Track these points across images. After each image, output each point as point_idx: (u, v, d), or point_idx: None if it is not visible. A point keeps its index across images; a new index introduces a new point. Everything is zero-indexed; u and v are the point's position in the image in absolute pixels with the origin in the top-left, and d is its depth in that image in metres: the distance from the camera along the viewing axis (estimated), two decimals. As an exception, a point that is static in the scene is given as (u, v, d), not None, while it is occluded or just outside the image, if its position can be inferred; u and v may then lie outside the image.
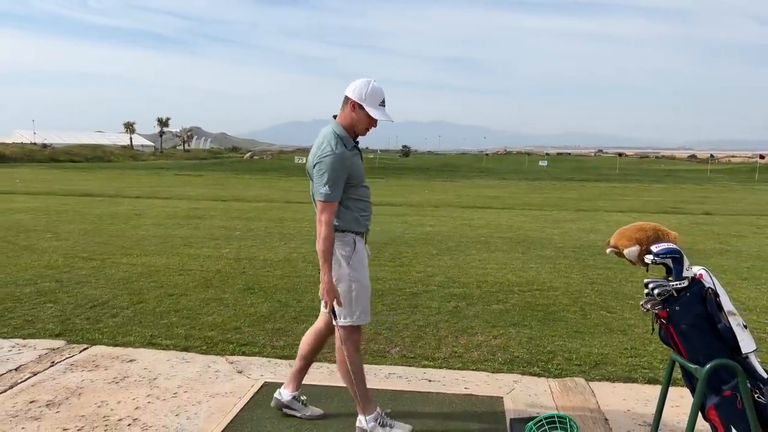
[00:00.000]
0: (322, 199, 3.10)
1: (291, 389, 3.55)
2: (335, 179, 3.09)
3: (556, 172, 55.60)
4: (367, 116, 3.15)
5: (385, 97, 3.18)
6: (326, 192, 3.09)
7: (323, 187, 3.09)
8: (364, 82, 3.16)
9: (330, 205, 3.11)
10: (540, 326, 5.34)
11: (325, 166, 3.09)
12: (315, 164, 3.13)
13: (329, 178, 3.08)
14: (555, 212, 15.83)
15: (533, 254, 8.97)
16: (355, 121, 3.18)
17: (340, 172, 3.10)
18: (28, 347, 4.62)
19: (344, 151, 3.12)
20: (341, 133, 3.18)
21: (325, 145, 3.13)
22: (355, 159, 3.21)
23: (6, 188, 21.29)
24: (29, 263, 7.63)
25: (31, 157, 63.63)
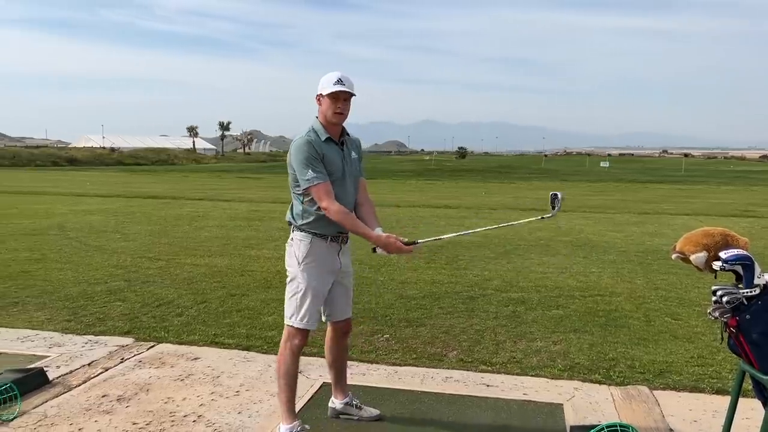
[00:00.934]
0: (309, 185, 3.07)
1: (340, 398, 3.55)
2: (309, 161, 3.06)
3: (618, 174, 54.13)
4: (328, 99, 3.10)
5: (343, 77, 3.11)
6: (309, 177, 3.06)
7: (304, 174, 3.07)
8: (323, 77, 3.16)
9: (318, 188, 3.06)
10: (601, 332, 5.22)
11: (296, 153, 3.09)
12: (289, 156, 3.16)
13: (304, 163, 3.07)
14: (617, 215, 15.41)
15: (594, 258, 8.77)
16: (324, 111, 3.15)
17: (311, 153, 3.07)
18: (100, 344, 4.83)
19: (312, 137, 3.11)
20: (316, 126, 3.18)
21: (299, 136, 3.15)
22: (329, 150, 3.15)
23: (78, 191, 22.30)
24: (100, 263, 7.98)
25: (100, 160, 66.51)
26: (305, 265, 3.18)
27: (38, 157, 62.84)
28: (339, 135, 3.25)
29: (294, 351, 3.25)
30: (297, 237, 3.23)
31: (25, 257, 8.29)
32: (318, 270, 3.20)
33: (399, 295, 6.41)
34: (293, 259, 3.22)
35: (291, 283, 3.24)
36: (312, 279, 3.18)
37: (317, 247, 3.19)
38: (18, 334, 5.02)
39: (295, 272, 3.21)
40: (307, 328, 3.23)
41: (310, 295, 3.18)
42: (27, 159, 60.34)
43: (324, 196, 3.06)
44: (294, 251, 3.22)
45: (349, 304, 3.48)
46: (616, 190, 29.93)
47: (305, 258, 3.18)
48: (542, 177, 46.15)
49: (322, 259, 3.21)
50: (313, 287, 3.19)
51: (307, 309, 3.19)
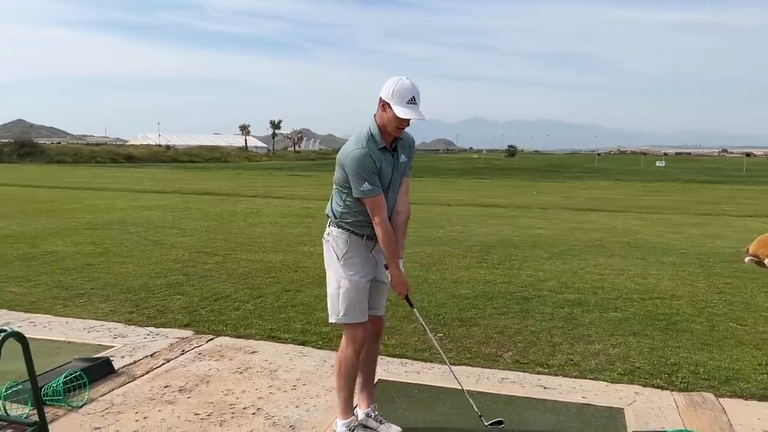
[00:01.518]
0: (365, 197, 3.07)
1: (363, 406, 3.45)
2: (367, 174, 3.04)
3: (675, 173, 52.50)
4: (394, 117, 3.03)
5: (416, 94, 3.03)
6: (364, 189, 3.05)
7: (359, 185, 3.05)
8: (394, 80, 3.06)
9: (372, 200, 3.07)
10: (662, 336, 5.08)
11: (354, 164, 3.06)
12: (345, 163, 3.11)
13: (361, 176, 3.05)
14: (675, 216, 14.94)
15: (653, 260, 8.53)
16: (386, 120, 3.08)
17: (369, 167, 3.05)
18: (161, 335, 4.98)
19: (371, 148, 3.07)
20: (374, 132, 3.12)
21: (351, 143, 3.11)
22: (384, 161, 3.12)
23: (136, 187, 23.02)
24: (159, 257, 8.21)
25: (156, 157, 68.49)
26: (345, 260, 3.20)
27: (98, 154, 65.17)
28: (392, 141, 3.20)
29: (357, 349, 3.27)
30: (334, 233, 3.24)
31: (89, 251, 8.60)
32: (359, 264, 3.21)
33: (451, 295, 6.37)
34: (332, 255, 3.25)
35: (332, 279, 3.26)
36: (354, 273, 3.19)
37: (354, 243, 3.21)
38: (85, 325, 5.21)
39: (335, 268, 3.23)
40: (350, 322, 3.23)
41: (354, 289, 3.18)
42: (88, 156, 62.63)
43: (378, 210, 3.09)
44: (332, 246, 3.24)
45: (384, 301, 3.45)
46: (672, 190, 29.04)
47: (345, 253, 3.20)
48: (595, 176, 45.16)
49: (360, 254, 3.22)
50: (356, 281, 3.19)
51: (353, 304, 3.19)
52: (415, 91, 3.03)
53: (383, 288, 3.39)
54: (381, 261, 3.34)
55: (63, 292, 6.26)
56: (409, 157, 3.31)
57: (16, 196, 17.48)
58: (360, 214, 3.16)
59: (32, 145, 63.01)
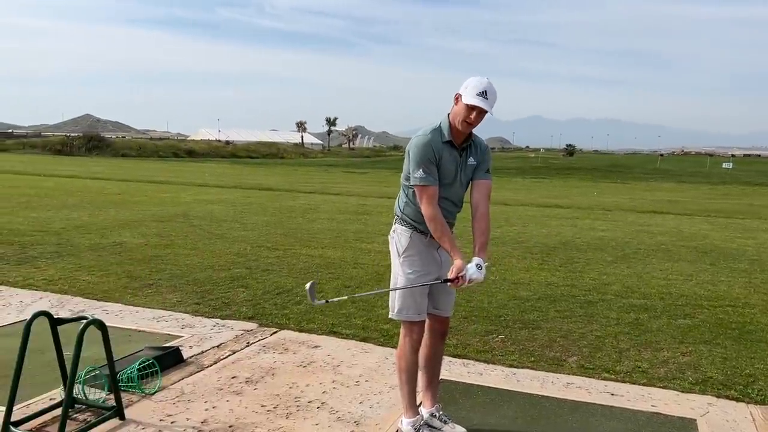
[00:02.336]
0: (416, 184, 3.06)
1: (428, 406, 3.42)
2: (424, 162, 3.03)
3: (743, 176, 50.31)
4: (464, 107, 3.01)
5: (489, 90, 2.99)
6: (418, 176, 3.04)
7: (415, 171, 3.05)
8: (473, 77, 3.05)
9: (424, 189, 3.04)
10: (735, 346, 4.88)
11: (414, 150, 3.07)
12: (408, 150, 3.13)
13: (418, 162, 3.04)
14: (746, 220, 14.33)
15: (723, 266, 8.20)
16: (455, 114, 3.06)
17: (427, 155, 3.04)
18: (227, 327, 5.09)
19: (434, 138, 3.07)
20: (443, 125, 3.12)
21: (422, 131, 3.12)
22: (447, 154, 3.08)
23: (198, 181, 23.66)
24: (223, 250, 8.41)
25: (215, 152, 70.16)
26: (405, 257, 3.20)
27: (161, 148, 67.26)
28: (462, 140, 3.17)
29: (413, 345, 3.26)
30: (399, 229, 3.24)
31: (155, 242, 8.89)
32: (419, 263, 3.19)
33: (512, 296, 6.29)
34: (394, 251, 3.26)
35: (393, 275, 3.28)
36: (412, 272, 3.18)
37: (417, 241, 3.19)
38: (154, 314, 5.39)
39: (396, 264, 3.24)
40: (415, 320, 3.22)
41: (411, 287, 3.17)
42: (151, 150, 64.72)
43: (426, 199, 3.06)
44: (395, 243, 3.25)
45: (451, 301, 3.40)
46: (742, 193, 27.85)
47: (406, 250, 3.20)
48: (658, 177, 43.75)
49: (422, 253, 3.20)
50: (414, 280, 3.17)
51: (410, 302, 3.18)
52: (489, 87, 3.02)
53: (449, 288, 3.37)
54: (447, 260, 3.32)
55: (132, 282, 6.48)
56: (481, 162, 3.24)
57: (86, 188, 18.23)
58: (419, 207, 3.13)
59: (99, 139, 65.56)
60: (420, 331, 3.26)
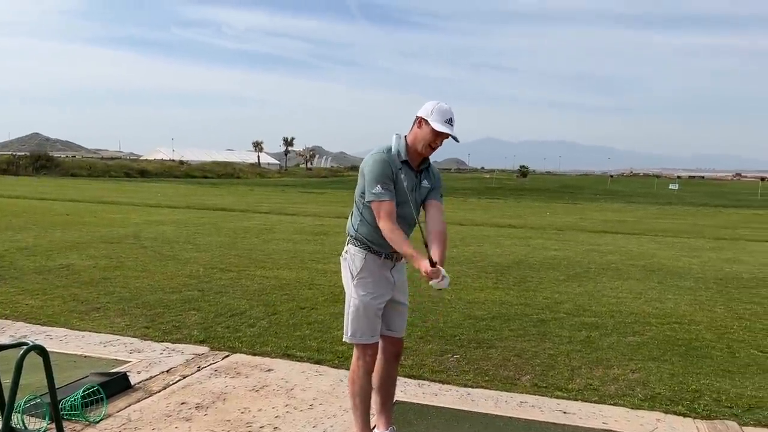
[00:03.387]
0: (373, 199, 3.04)
1: (381, 428, 3.40)
2: (382, 178, 3.03)
3: (689, 197, 52.20)
4: (430, 131, 3.04)
5: (453, 117, 3.07)
6: (375, 191, 3.02)
7: (372, 188, 3.04)
8: (434, 102, 3.10)
9: (382, 204, 3.02)
10: (682, 362, 5.00)
11: (371, 166, 3.07)
12: (361, 168, 3.14)
13: (376, 177, 3.03)
14: (691, 240, 14.82)
15: (670, 284, 8.44)
16: (418, 137, 3.09)
17: (385, 171, 3.03)
18: (177, 351, 4.96)
19: (391, 157, 3.08)
20: (399, 145, 3.14)
21: (377, 150, 3.12)
22: (403, 174, 3.08)
23: (151, 201, 23.18)
24: (174, 272, 8.23)
25: (169, 172, 69.03)
26: (359, 279, 3.18)
27: (112, 168, 65.78)
28: (419, 163, 3.20)
29: (367, 368, 3.24)
30: (352, 250, 3.22)
31: (104, 264, 8.63)
32: (372, 285, 3.17)
33: (467, 315, 6.33)
34: (347, 273, 3.23)
35: (346, 297, 3.25)
36: (366, 293, 3.16)
37: (371, 263, 3.18)
38: (101, 339, 5.21)
39: (350, 287, 3.22)
40: (368, 343, 3.20)
41: (365, 310, 3.16)
42: (102, 170, 63.22)
43: (384, 214, 3.03)
44: (348, 265, 3.23)
45: (403, 322, 3.40)
46: (687, 213, 28.84)
47: (359, 272, 3.18)
48: (608, 198, 44.98)
49: (375, 274, 3.19)
50: (367, 302, 3.16)
51: (363, 324, 3.17)
52: (453, 114, 3.08)
53: (402, 309, 3.37)
54: (400, 281, 3.32)
55: (79, 306, 6.27)
56: (434, 186, 3.26)
57: (33, 209, 17.63)
58: (374, 225, 3.12)
59: (48, 158, 63.69)
60: (373, 353, 3.24)
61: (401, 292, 3.33)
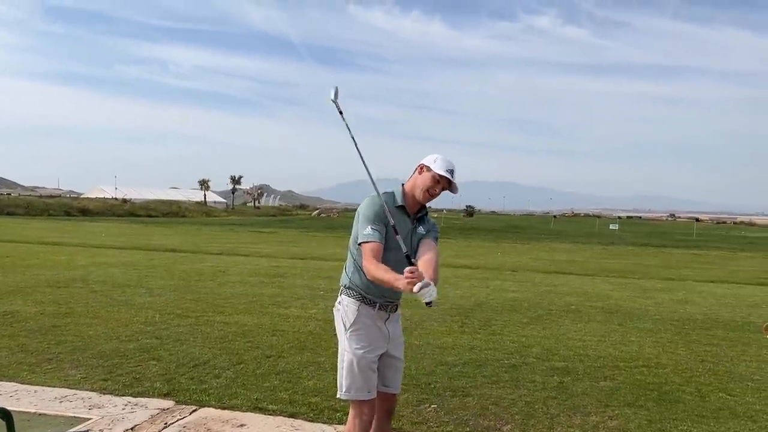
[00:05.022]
0: (362, 241, 2.97)
1: None
2: (373, 220, 2.96)
3: (629, 237, 53.87)
4: (431, 177, 3.03)
5: (454, 170, 3.07)
6: (366, 233, 2.95)
7: (363, 229, 2.97)
8: (438, 155, 3.11)
9: (369, 245, 2.92)
10: (657, 408, 5.02)
11: (365, 208, 3.03)
12: (357, 214, 3.08)
13: (368, 219, 2.98)
14: (642, 280, 15.20)
15: (630, 326, 8.57)
16: (417, 183, 3.08)
17: (378, 214, 2.97)
18: (140, 406, 4.67)
19: (387, 199, 3.03)
20: (396, 191, 3.13)
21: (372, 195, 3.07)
22: (398, 219, 3.00)
23: (95, 242, 22.33)
24: (128, 319, 7.85)
25: (111, 211, 66.99)
26: (352, 332, 3.08)
27: (51, 206, 63.38)
28: (416, 210, 3.17)
29: (364, 426, 3.11)
30: (345, 301, 3.13)
31: (52, 311, 8.17)
32: (366, 337, 3.08)
33: (438, 362, 6.23)
34: (341, 325, 3.13)
35: (339, 351, 3.13)
36: (360, 347, 3.06)
37: (364, 314, 3.09)
38: (55, 394, 4.86)
39: (343, 339, 3.11)
40: (364, 399, 3.07)
41: (359, 364, 3.05)
42: (40, 208, 60.82)
43: (369, 255, 2.92)
44: (341, 317, 3.13)
45: (398, 377, 3.30)
46: (631, 253, 29.69)
47: (353, 324, 3.08)
48: (552, 238, 45.97)
49: (369, 327, 3.09)
50: (360, 356, 3.05)
51: (358, 379, 3.05)
52: (454, 167, 3.08)
53: (398, 364, 3.26)
54: (395, 334, 3.22)
55: (28, 357, 5.88)
56: (429, 230, 3.21)
57: (-32, 250, 16.70)
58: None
59: (-19, 195, 60.93)
60: (370, 410, 3.11)
61: (396, 345, 3.23)
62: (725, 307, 10.82)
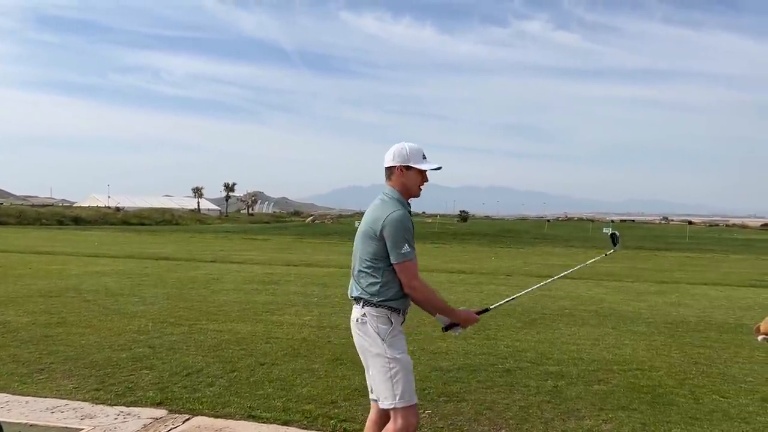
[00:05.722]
0: (401, 260, 2.99)
1: None
2: (408, 236, 3.01)
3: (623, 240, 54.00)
4: (417, 172, 3.10)
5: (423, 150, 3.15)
6: (405, 252, 2.99)
7: (400, 248, 2.98)
8: (400, 145, 3.13)
9: (410, 263, 3.01)
10: (651, 411, 5.03)
11: (396, 225, 2.98)
12: (384, 226, 3.00)
13: (403, 238, 2.99)
14: (636, 284, 15.24)
15: (624, 329, 8.59)
16: (409, 182, 3.11)
17: (409, 228, 3.03)
18: (133, 415, 4.65)
19: (406, 211, 3.09)
20: (400, 198, 3.13)
21: (390, 206, 3.05)
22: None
23: (88, 251, 22.21)
24: (121, 328, 7.81)
25: (104, 219, 66.61)
26: (391, 339, 3.09)
27: (44, 215, 62.98)
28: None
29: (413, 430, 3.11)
30: (374, 312, 3.10)
31: (44, 321, 8.12)
32: (400, 342, 3.13)
33: (433, 367, 6.23)
34: (375, 337, 3.09)
35: (378, 364, 3.09)
36: (400, 352, 3.10)
37: (395, 321, 3.14)
38: (47, 404, 4.84)
39: (381, 350, 3.08)
40: (408, 404, 3.08)
41: (407, 367, 3.10)
42: (33, 217, 60.43)
43: (416, 273, 3.05)
44: (372, 329, 3.10)
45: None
46: (624, 257, 29.68)
47: (389, 333, 3.09)
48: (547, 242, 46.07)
49: (401, 333, 3.16)
50: (405, 360, 3.10)
51: (409, 383, 3.08)
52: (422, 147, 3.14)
53: None
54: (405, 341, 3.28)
55: (20, 368, 5.84)
56: None
57: (-41, 260, 16.59)
58: (398, 285, 3.08)
59: (-27, 205, 60.53)
60: (418, 418, 3.20)
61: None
62: (718, 309, 10.86)
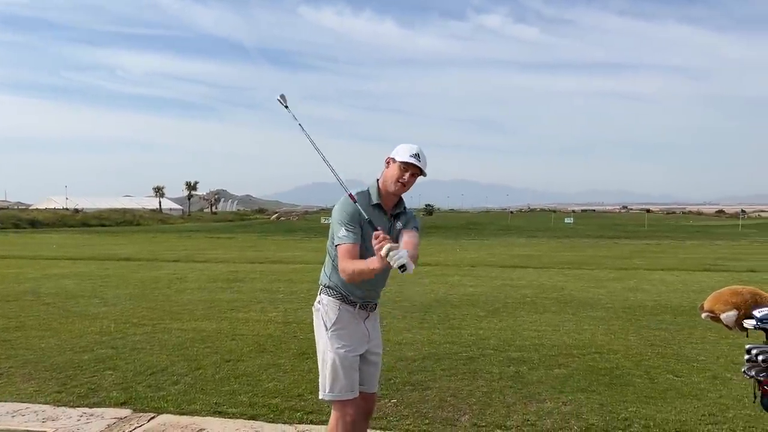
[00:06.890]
0: (339, 243, 2.96)
1: None
2: (347, 221, 2.95)
3: (584, 230, 55.16)
4: (396, 167, 3.01)
5: (421, 153, 3.03)
6: (340, 235, 2.95)
7: (338, 231, 2.97)
8: (403, 144, 3.10)
9: (344, 247, 2.93)
10: (608, 391, 5.20)
11: (338, 209, 3.01)
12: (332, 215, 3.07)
13: (342, 221, 2.97)
14: (595, 271, 15.61)
15: (584, 315, 8.82)
16: (387, 176, 3.06)
17: (351, 214, 2.96)
18: (96, 416, 4.61)
19: (361, 200, 2.99)
20: (371, 188, 3.10)
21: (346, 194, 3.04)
22: (374, 217, 3.01)
23: (47, 254, 21.71)
24: (83, 329, 7.70)
25: (63, 222, 65.07)
26: (333, 331, 3.08)
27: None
28: (392, 206, 3.15)
29: (348, 428, 3.06)
30: (325, 300, 3.14)
31: (2, 325, 7.94)
32: (347, 336, 3.09)
33: (398, 357, 6.31)
34: (321, 325, 3.13)
35: (320, 351, 3.12)
36: (342, 346, 3.06)
37: (346, 313, 3.11)
38: (7, 408, 4.76)
39: (324, 340, 3.11)
40: (348, 399, 3.06)
41: (343, 363, 3.04)
42: (-14, 222, 58.66)
43: (344, 256, 2.93)
44: (321, 316, 3.13)
45: (376, 376, 3.31)
46: (585, 246, 30.39)
47: (334, 324, 3.09)
48: (510, 233, 46.73)
49: (350, 326, 3.11)
50: (342, 355, 3.05)
51: (341, 379, 3.04)
52: (420, 151, 3.05)
53: (377, 363, 3.27)
54: (374, 333, 3.25)
55: (-22, 373, 5.72)
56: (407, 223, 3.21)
57: None
58: None
59: None
60: (354, 410, 3.08)
61: (375, 344, 3.25)
62: (674, 293, 11.22)
